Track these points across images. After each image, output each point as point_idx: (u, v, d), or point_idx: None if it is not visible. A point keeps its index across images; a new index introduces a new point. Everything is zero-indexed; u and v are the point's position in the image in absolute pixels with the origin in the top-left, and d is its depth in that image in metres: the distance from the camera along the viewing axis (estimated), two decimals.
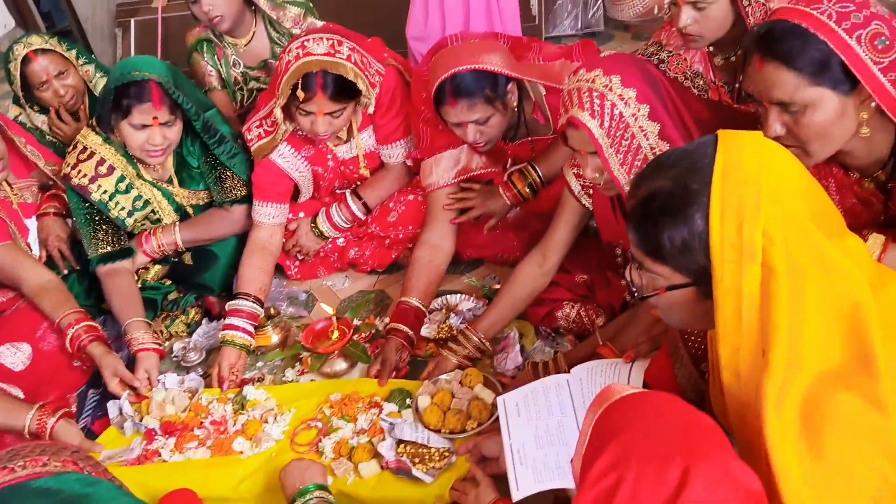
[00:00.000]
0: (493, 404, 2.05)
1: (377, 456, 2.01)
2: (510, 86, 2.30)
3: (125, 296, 2.51)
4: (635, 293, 1.34)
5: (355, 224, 2.77)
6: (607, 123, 1.79)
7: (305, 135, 2.54)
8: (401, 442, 2.02)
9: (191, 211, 2.70)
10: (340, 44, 2.36)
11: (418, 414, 2.09)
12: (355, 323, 2.51)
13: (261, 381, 2.38)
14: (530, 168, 2.49)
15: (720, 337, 1.21)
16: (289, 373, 2.41)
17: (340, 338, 2.36)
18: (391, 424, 2.08)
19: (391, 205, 2.74)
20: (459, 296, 2.56)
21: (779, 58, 1.57)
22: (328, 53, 2.32)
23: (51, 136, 3.07)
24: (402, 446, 2.01)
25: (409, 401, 2.16)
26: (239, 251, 2.65)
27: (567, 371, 1.93)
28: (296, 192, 2.73)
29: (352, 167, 2.72)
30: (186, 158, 2.63)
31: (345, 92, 2.37)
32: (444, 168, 2.50)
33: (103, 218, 2.57)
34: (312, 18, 3.15)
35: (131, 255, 2.60)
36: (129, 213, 2.60)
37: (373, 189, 2.74)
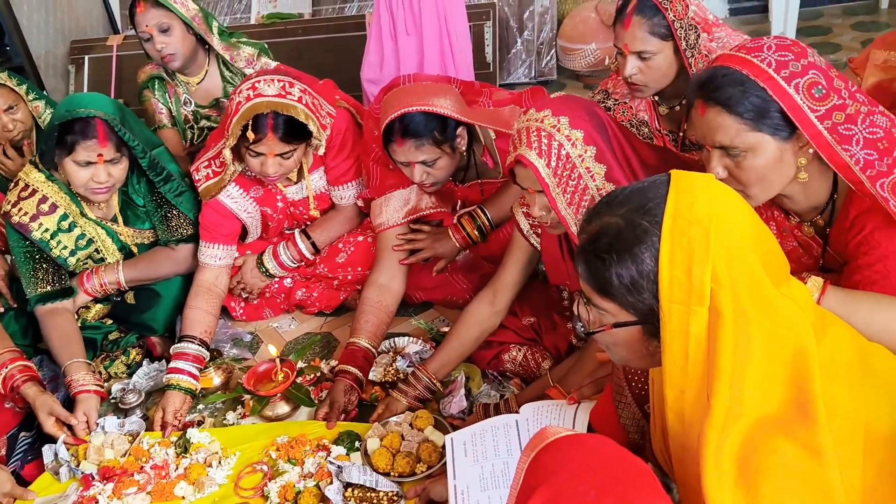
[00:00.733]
0: (444, 447, 2.03)
1: (324, 500, 1.97)
2: (460, 129, 2.32)
3: (65, 336, 2.44)
4: (582, 328, 1.33)
5: (303, 264, 2.75)
6: (554, 163, 1.82)
7: (254, 175, 2.52)
8: (349, 485, 1.97)
9: (135, 250, 2.64)
10: (292, 85, 2.36)
11: (367, 457, 2.05)
12: (299, 365, 2.47)
13: (201, 423, 2.32)
14: (479, 211, 2.51)
15: (667, 379, 1.20)
16: (230, 416, 2.35)
17: (284, 380, 2.31)
18: (339, 467, 2.03)
19: (341, 246, 2.72)
20: (407, 338, 2.54)
21: (720, 103, 1.61)
22: (279, 95, 2.32)
23: None
24: (350, 490, 1.96)
25: (357, 444, 2.12)
26: (184, 291, 2.61)
27: (517, 412, 1.91)
28: (244, 233, 2.70)
29: (301, 208, 2.71)
30: (132, 196, 2.58)
31: (295, 133, 2.36)
32: (393, 208, 2.50)
33: (44, 256, 2.50)
34: (266, 59, 3.16)
35: (72, 295, 2.54)
36: (72, 252, 2.54)
37: (322, 230, 2.73)
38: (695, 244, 1.17)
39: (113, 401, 2.45)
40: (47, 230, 2.48)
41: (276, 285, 2.78)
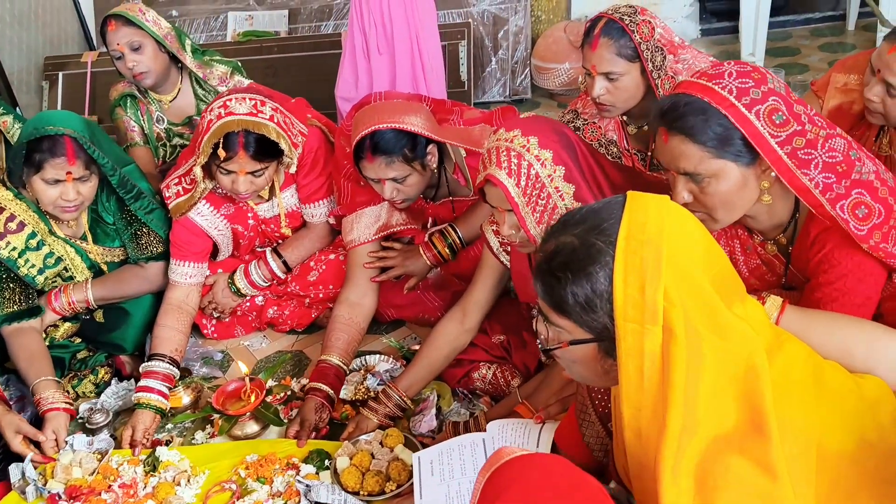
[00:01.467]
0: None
1: None
2: (430, 147, 2.34)
3: (32, 355, 2.41)
4: (540, 345, 1.35)
5: (274, 283, 2.74)
6: (523, 182, 1.83)
7: (225, 193, 2.52)
8: None
9: (105, 268, 2.63)
10: (263, 104, 2.37)
11: (336, 476, 2.05)
12: (269, 384, 2.46)
13: (170, 443, 2.30)
14: (450, 229, 2.52)
15: (623, 397, 1.22)
16: (199, 435, 2.33)
17: (253, 399, 2.30)
18: (307, 486, 2.02)
19: (312, 264, 2.72)
20: (378, 356, 2.54)
21: (683, 132, 1.63)
22: (250, 113, 2.33)
23: None
24: None
25: (327, 462, 2.12)
26: (154, 309, 2.59)
27: (486, 430, 1.92)
28: (215, 251, 2.70)
29: (273, 226, 2.71)
30: (101, 214, 2.57)
31: (266, 151, 2.37)
32: (364, 224, 2.51)
33: (10, 275, 2.48)
34: (240, 77, 3.16)
35: (39, 315, 2.51)
36: (40, 271, 2.52)
37: (294, 248, 2.72)
38: (647, 264, 1.19)
39: (80, 420, 2.43)
40: (14, 248, 2.46)
41: (248, 303, 2.78)
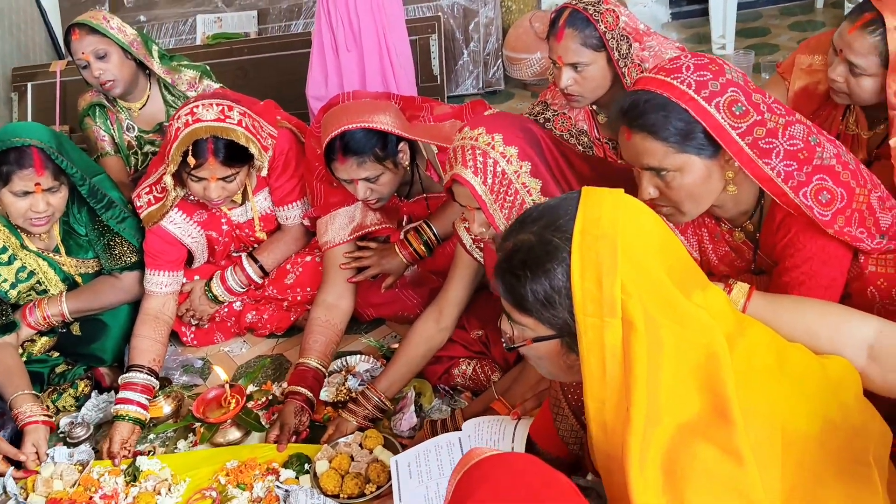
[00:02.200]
0: None
1: None
2: (401, 145, 2.33)
3: (9, 371, 2.40)
4: (505, 343, 1.36)
5: (251, 287, 2.73)
6: (490, 180, 1.83)
7: (198, 200, 2.51)
8: None
9: (79, 280, 2.61)
10: (231, 109, 2.36)
11: (315, 479, 2.05)
12: (249, 389, 2.45)
13: (152, 453, 2.29)
14: (425, 226, 2.52)
15: (587, 390, 1.23)
16: (181, 444, 2.33)
17: (233, 406, 2.29)
18: (286, 492, 2.02)
19: (288, 267, 2.71)
20: (358, 356, 2.54)
21: (645, 129, 1.64)
22: (218, 119, 2.31)
23: None
24: None
25: (307, 466, 2.12)
26: (131, 320, 2.58)
27: (462, 428, 1.92)
28: (190, 258, 2.68)
29: (247, 230, 2.70)
30: (73, 226, 2.55)
31: (237, 156, 2.36)
32: (339, 225, 2.50)
33: None
34: (209, 81, 3.14)
35: (14, 330, 2.49)
36: (13, 286, 2.50)
37: (269, 252, 2.71)
38: (603, 258, 1.20)
39: (61, 435, 2.42)
40: None
41: (226, 309, 2.76)
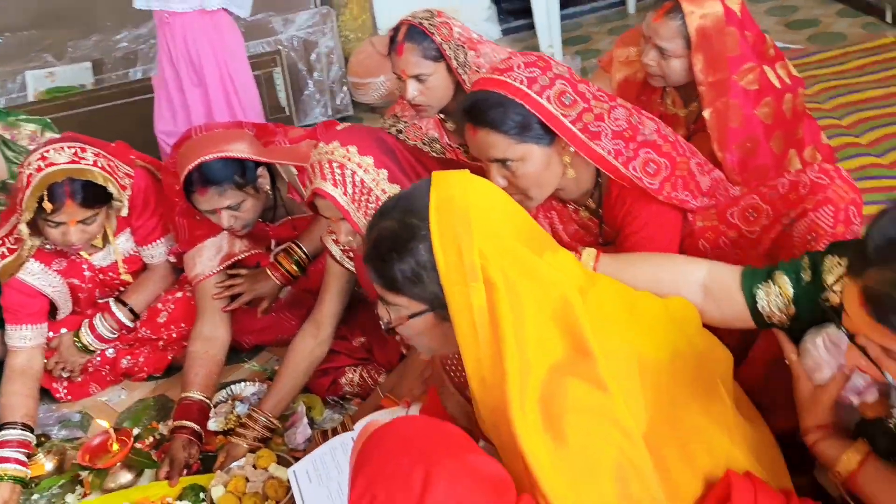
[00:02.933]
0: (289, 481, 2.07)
1: None
2: (260, 170, 2.39)
3: None
4: (384, 326, 1.45)
5: (123, 332, 2.68)
6: (350, 190, 1.93)
7: (56, 248, 2.45)
8: None
9: None
10: (84, 150, 2.34)
11: (213, 501, 2.05)
12: (135, 431, 2.41)
13: None
14: (295, 246, 2.57)
15: (463, 351, 1.34)
16: (70, 498, 2.26)
17: (121, 448, 2.26)
18: None
19: (160, 305, 2.69)
20: (243, 384, 2.55)
21: (487, 125, 1.80)
22: (72, 161, 2.29)
23: None
24: None
25: (203, 495, 2.11)
26: None
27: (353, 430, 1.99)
28: (54, 309, 2.61)
29: (111, 274, 2.65)
30: None
31: (95, 197, 2.34)
32: (207, 257, 2.51)
33: None
34: (51, 133, 3.05)
35: None
36: None
37: (138, 293, 2.68)
38: (459, 231, 1.32)
39: None
40: None
41: (99, 358, 2.69)
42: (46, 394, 2.61)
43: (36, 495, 2.30)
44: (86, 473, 2.28)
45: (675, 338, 1.49)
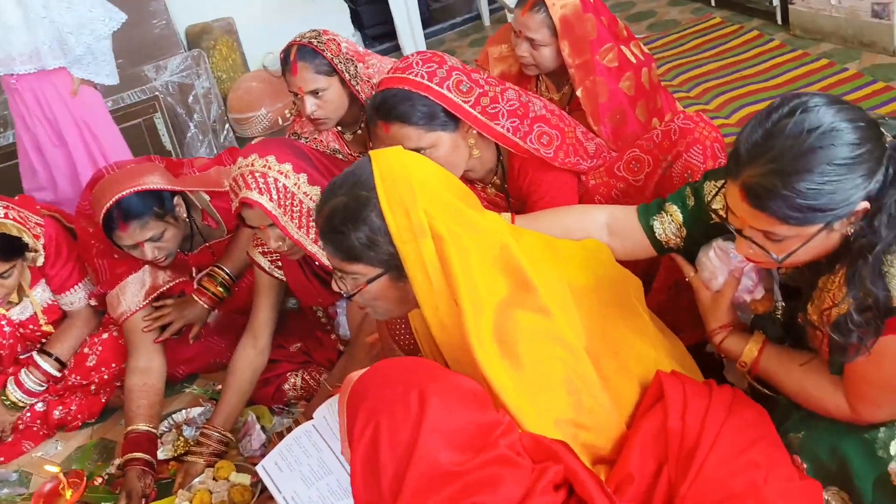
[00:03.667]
0: (254, 482, 2.15)
1: None
2: (176, 199, 2.47)
3: None
4: (345, 295, 1.58)
5: (51, 383, 2.67)
6: (275, 196, 2.06)
7: None
8: None
9: None
10: None
11: None
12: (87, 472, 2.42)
13: None
14: (217, 269, 2.65)
15: (421, 303, 1.49)
16: None
17: (75, 491, 2.26)
18: None
19: (87, 349, 2.68)
20: (184, 411, 2.60)
21: (398, 119, 2.00)
22: None
23: None
24: None
25: None
26: None
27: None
28: None
29: (32, 327, 2.65)
30: None
31: (11, 250, 2.35)
32: (131, 293, 2.55)
33: None
34: None
35: None
36: None
37: (62, 341, 2.67)
38: (404, 194, 1.49)
39: None
40: None
41: (29, 413, 2.67)
42: None
43: None
44: None
45: (594, 267, 1.71)
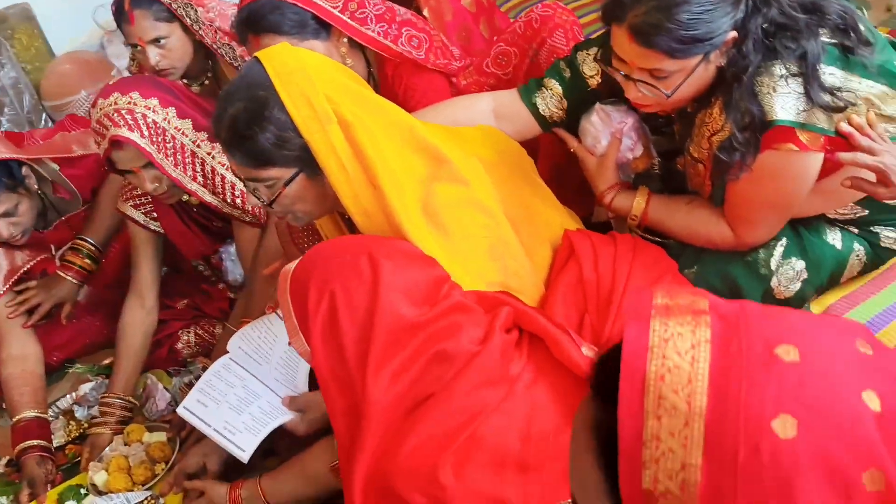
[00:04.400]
0: (171, 438, 2.07)
1: None
2: (24, 169, 2.29)
3: None
4: (263, 202, 1.54)
5: None
6: (147, 132, 1.97)
7: None
8: None
9: None
10: None
11: (99, 490, 1.99)
12: None
13: None
14: (80, 240, 2.48)
15: (340, 194, 1.48)
16: None
17: None
18: None
19: None
20: (70, 395, 2.43)
21: (269, 30, 1.95)
22: None
23: None
24: None
25: (84, 491, 2.03)
26: None
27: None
28: None
29: None
30: None
31: None
32: None
33: None
34: None
35: None
36: None
37: None
38: (303, 84, 1.47)
39: None
40: None
41: None
42: None
43: None
44: None
45: (494, 143, 1.77)
